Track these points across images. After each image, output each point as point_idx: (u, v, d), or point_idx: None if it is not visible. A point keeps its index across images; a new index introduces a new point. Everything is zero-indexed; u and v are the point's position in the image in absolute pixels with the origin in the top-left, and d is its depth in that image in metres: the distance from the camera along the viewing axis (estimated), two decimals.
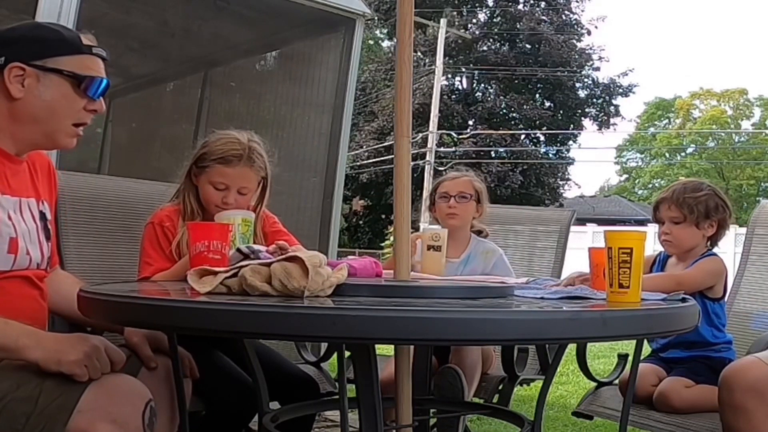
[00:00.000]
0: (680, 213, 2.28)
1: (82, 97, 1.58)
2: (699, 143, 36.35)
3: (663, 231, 2.33)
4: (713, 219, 2.28)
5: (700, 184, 2.34)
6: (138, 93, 5.95)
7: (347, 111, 3.86)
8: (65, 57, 1.55)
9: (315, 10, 3.70)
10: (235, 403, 1.95)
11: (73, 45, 1.57)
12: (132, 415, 1.32)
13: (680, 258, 2.36)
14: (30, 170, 1.65)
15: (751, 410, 1.68)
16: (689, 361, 2.23)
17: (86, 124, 1.63)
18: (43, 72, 1.53)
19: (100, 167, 5.72)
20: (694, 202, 2.26)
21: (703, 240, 2.31)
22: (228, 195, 2.06)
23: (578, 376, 4.74)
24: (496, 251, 2.66)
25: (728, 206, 2.32)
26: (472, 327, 1.14)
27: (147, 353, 1.62)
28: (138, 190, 2.49)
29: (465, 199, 2.63)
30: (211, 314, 1.19)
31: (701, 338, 2.24)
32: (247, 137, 2.12)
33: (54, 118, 1.57)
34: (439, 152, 22.81)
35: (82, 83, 1.56)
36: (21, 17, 3.13)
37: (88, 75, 1.57)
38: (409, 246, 1.67)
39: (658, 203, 2.36)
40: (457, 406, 2.16)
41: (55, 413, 1.28)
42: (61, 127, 1.59)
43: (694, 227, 2.28)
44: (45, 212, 1.65)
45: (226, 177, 2.06)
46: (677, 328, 1.40)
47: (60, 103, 1.56)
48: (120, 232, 2.34)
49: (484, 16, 26.27)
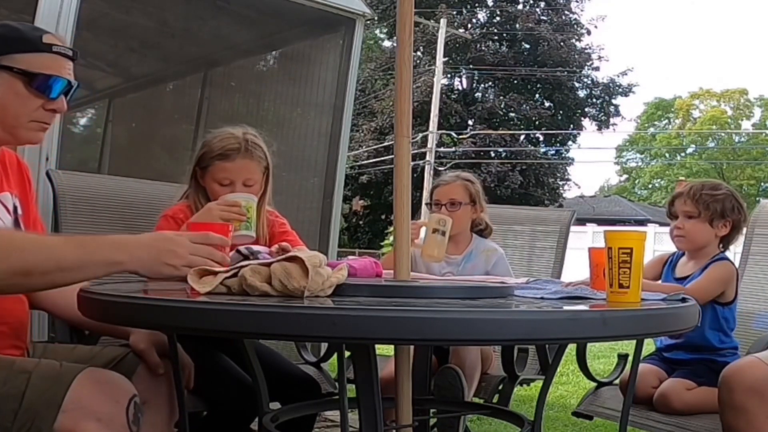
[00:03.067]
0: (695, 208, 2.28)
1: (37, 96, 1.54)
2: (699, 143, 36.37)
3: (676, 225, 2.32)
4: (727, 219, 2.28)
5: (719, 185, 2.34)
6: (138, 93, 5.94)
7: (347, 111, 3.86)
8: (20, 54, 1.52)
9: (315, 10, 3.70)
10: (236, 404, 1.95)
11: (30, 42, 1.54)
12: (116, 412, 1.32)
13: (691, 257, 2.36)
14: (0, 165, 1.63)
15: (751, 411, 1.67)
16: (692, 363, 2.23)
17: (47, 123, 1.59)
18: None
19: (99, 167, 5.72)
20: (711, 200, 2.27)
21: (715, 240, 2.31)
22: (234, 190, 2.09)
23: (578, 376, 4.74)
24: (497, 251, 2.66)
25: (744, 210, 2.33)
26: (472, 327, 1.14)
27: (155, 360, 1.61)
28: (138, 190, 2.49)
29: (455, 207, 2.61)
30: (211, 314, 1.19)
31: (707, 342, 2.24)
32: (242, 131, 2.15)
33: (7, 116, 1.54)
34: (439, 152, 22.82)
35: (33, 81, 1.53)
36: (21, 17, 3.13)
37: (42, 73, 1.53)
38: (409, 246, 1.67)
39: (674, 198, 2.37)
40: (457, 406, 2.16)
41: (41, 410, 1.28)
42: (18, 124, 1.55)
43: (707, 224, 2.28)
44: (17, 206, 1.64)
45: (229, 172, 2.09)
46: (677, 328, 1.40)
47: (11, 101, 1.52)
48: (120, 232, 2.33)
49: (483, 16, 26.28)
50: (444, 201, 2.63)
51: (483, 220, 2.72)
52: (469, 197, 2.64)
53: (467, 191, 2.64)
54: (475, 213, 2.68)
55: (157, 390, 1.59)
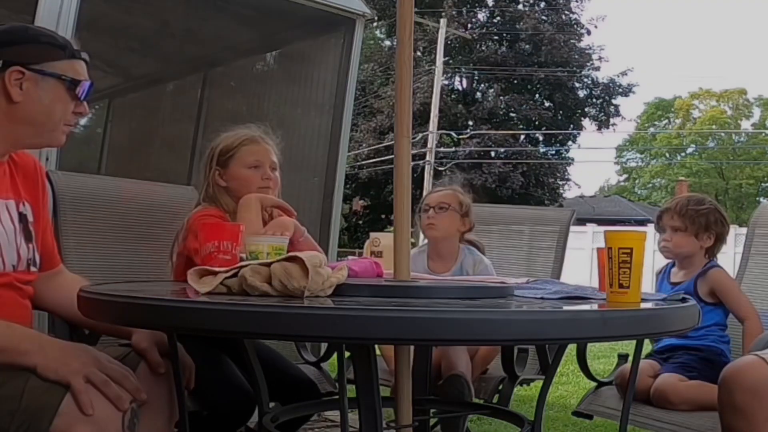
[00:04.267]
0: (682, 223, 2.42)
1: (73, 100, 1.62)
2: (699, 143, 36.37)
3: (664, 238, 2.47)
4: (712, 231, 2.43)
5: (703, 199, 2.49)
6: (138, 93, 5.95)
7: (347, 111, 3.86)
8: (60, 61, 1.60)
9: (315, 10, 3.70)
10: (230, 407, 1.95)
11: (67, 50, 1.62)
12: (111, 417, 1.32)
13: (681, 266, 2.49)
14: (11, 171, 1.65)
15: (751, 412, 1.66)
16: (681, 351, 2.29)
17: (73, 126, 1.67)
18: (42, 76, 1.56)
19: (99, 167, 5.72)
20: (696, 215, 2.41)
21: (701, 251, 2.45)
22: (265, 171, 2.12)
23: (578, 376, 4.74)
24: (483, 261, 2.63)
25: (727, 222, 2.49)
26: (472, 327, 1.14)
27: (156, 359, 1.61)
28: (138, 191, 2.49)
29: (443, 209, 2.58)
30: (211, 314, 1.19)
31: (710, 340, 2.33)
32: (252, 127, 2.20)
33: (50, 121, 1.60)
34: (439, 152, 22.81)
35: (75, 87, 1.60)
36: (21, 17, 3.13)
37: (79, 79, 1.61)
38: (409, 246, 1.67)
39: (662, 213, 2.51)
40: (457, 406, 2.16)
41: (39, 412, 1.28)
42: (56, 128, 1.62)
43: (693, 237, 2.42)
44: (26, 213, 1.64)
45: (256, 154, 2.13)
46: (677, 328, 1.40)
47: (56, 106, 1.59)
48: (120, 232, 2.34)
49: (483, 16, 26.27)
50: (433, 204, 2.61)
51: (472, 240, 2.68)
52: (459, 205, 2.60)
53: (458, 200, 2.61)
54: (463, 226, 2.62)
55: (157, 390, 1.58)
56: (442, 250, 2.62)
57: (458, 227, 2.62)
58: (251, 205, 1.99)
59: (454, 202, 2.60)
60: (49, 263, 1.74)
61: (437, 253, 2.63)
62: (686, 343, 2.30)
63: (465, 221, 2.62)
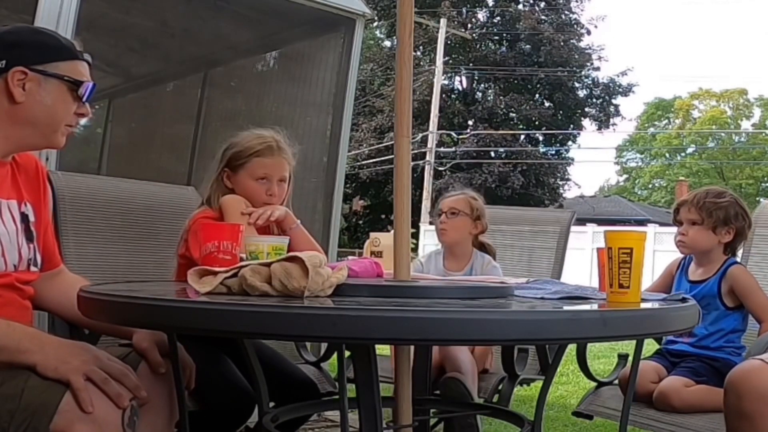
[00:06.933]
0: (699, 215, 2.32)
1: (75, 101, 1.62)
2: (699, 143, 36.38)
3: (680, 232, 2.38)
4: (731, 226, 2.32)
5: (723, 192, 2.38)
6: (138, 93, 5.94)
7: (347, 111, 3.86)
8: (63, 62, 1.60)
9: (315, 10, 3.70)
10: (230, 406, 1.95)
11: (69, 51, 1.62)
12: (111, 415, 1.31)
13: (698, 263, 2.40)
14: (12, 171, 1.65)
15: (759, 418, 1.63)
16: (693, 358, 2.24)
17: (75, 127, 1.67)
18: (45, 77, 1.57)
19: (99, 167, 5.72)
20: (714, 207, 2.31)
21: (719, 246, 2.34)
22: (271, 186, 2.12)
23: (578, 376, 4.75)
24: (491, 262, 2.70)
25: (748, 216, 2.36)
26: (472, 327, 1.14)
27: (157, 359, 1.60)
28: (138, 191, 2.48)
29: (455, 214, 2.67)
30: (211, 314, 1.19)
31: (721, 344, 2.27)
32: (272, 132, 2.19)
33: (53, 122, 1.61)
34: (439, 152, 22.82)
35: (78, 88, 1.61)
36: (21, 17, 3.13)
37: (82, 80, 1.62)
38: (409, 246, 1.67)
39: (679, 205, 2.41)
40: (457, 406, 2.16)
41: (38, 410, 1.28)
42: (58, 129, 1.63)
43: (710, 231, 2.32)
44: (28, 214, 1.65)
45: (267, 167, 2.13)
46: (677, 328, 1.40)
47: (59, 107, 1.60)
48: (120, 232, 2.34)
49: (483, 15, 26.28)
50: (445, 209, 2.71)
51: (485, 242, 2.75)
52: (470, 209, 2.68)
53: (469, 204, 2.69)
54: (475, 228, 2.70)
55: (158, 390, 1.58)
56: (456, 252, 2.72)
57: (470, 230, 2.70)
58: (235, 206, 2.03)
59: (465, 207, 2.68)
60: (50, 263, 1.74)
61: (452, 254, 2.73)
62: (702, 353, 2.24)
63: (477, 224, 2.71)
